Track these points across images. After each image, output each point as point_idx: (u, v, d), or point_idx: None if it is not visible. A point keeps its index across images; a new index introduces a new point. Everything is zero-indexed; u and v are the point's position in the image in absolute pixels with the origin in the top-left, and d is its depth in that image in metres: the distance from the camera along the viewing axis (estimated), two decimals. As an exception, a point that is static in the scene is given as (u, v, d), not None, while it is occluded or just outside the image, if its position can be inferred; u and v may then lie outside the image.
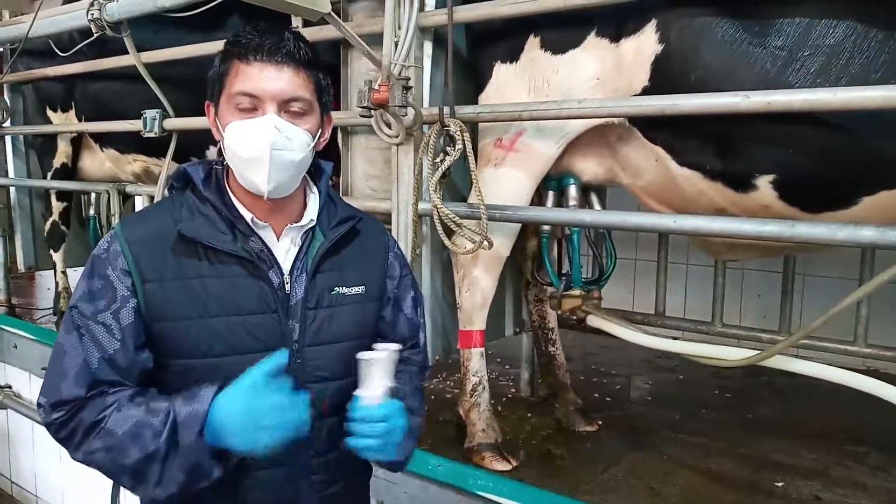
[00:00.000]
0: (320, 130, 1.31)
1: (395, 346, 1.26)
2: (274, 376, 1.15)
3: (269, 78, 1.20)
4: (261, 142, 1.20)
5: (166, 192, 1.39)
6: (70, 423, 1.18)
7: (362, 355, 1.23)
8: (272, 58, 1.20)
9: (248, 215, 1.27)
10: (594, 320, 2.53)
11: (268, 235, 1.29)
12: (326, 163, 1.41)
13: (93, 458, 1.18)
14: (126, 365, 1.20)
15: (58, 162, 4.14)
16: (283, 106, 1.22)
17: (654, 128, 2.11)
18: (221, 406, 1.14)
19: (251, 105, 1.21)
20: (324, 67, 1.30)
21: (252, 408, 1.13)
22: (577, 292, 2.56)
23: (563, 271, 2.76)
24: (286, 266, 1.29)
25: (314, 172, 1.38)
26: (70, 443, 1.20)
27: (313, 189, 1.38)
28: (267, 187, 1.22)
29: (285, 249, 1.30)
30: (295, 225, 1.31)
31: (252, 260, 1.24)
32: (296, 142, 1.23)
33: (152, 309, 1.21)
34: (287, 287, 1.27)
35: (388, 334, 1.44)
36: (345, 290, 1.34)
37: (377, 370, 1.23)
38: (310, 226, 1.32)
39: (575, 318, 2.61)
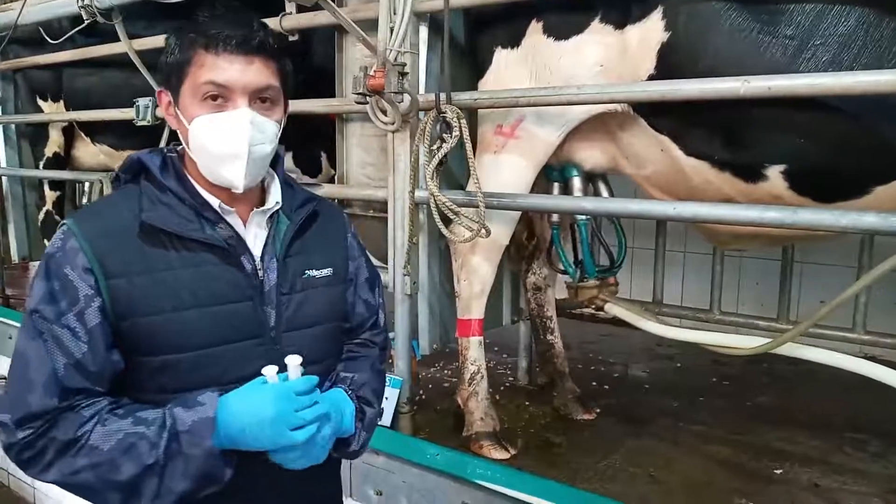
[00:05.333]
0: (283, 118, 1.28)
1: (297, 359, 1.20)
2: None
3: (240, 70, 1.16)
4: (238, 138, 1.16)
5: (105, 186, 1.34)
6: (38, 442, 1.09)
7: (267, 371, 1.18)
8: (243, 49, 1.16)
9: (214, 201, 1.23)
10: (612, 309, 2.51)
11: (235, 221, 1.25)
12: (279, 146, 1.36)
13: (75, 479, 1.10)
14: (96, 369, 1.13)
15: (49, 151, 4.12)
16: (253, 97, 1.18)
17: (659, 116, 2.08)
18: (238, 404, 1.12)
19: (219, 97, 1.17)
20: (286, 53, 1.26)
21: (281, 408, 1.12)
22: (592, 282, 2.55)
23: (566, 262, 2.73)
24: (256, 251, 1.26)
25: None
26: (37, 463, 1.10)
27: (271, 173, 1.33)
28: (243, 183, 1.19)
29: (253, 235, 1.27)
30: (261, 209, 1.27)
31: (223, 247, 1.21)
32: (267, 133, 1.21)
33: (120, 306, 1.13)
34: (260, 273, 1.24)
35: (349, 317, 1.42)
36: (315, 272, 1.32)
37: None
38: (275, 209, 1.29)
39: (593, 307, 2.59)
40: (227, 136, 1.16)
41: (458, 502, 2.29)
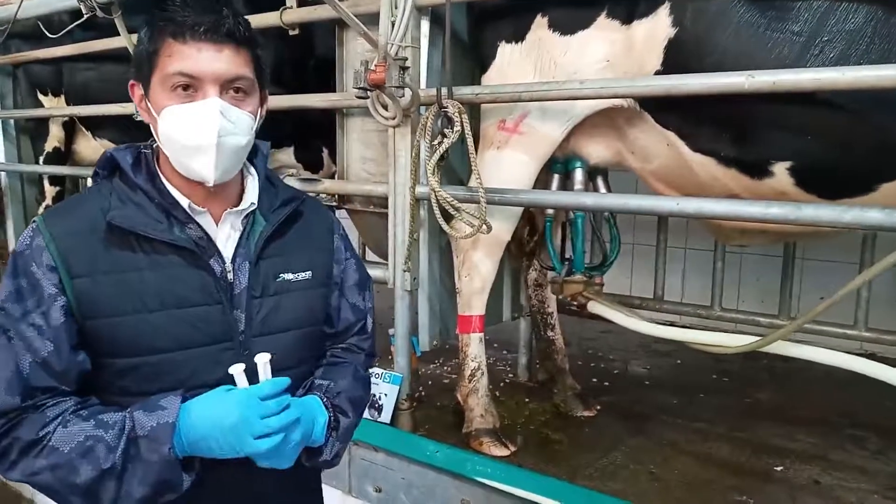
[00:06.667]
0: (259, 110, 1.23)
1: (266, 356, 1.18)
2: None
3: (209, 58, 1.12)
4: (207, 129, 1.12)
5: (90, 180, 1.31)
6: (3, 441, 1.08)
7: (234, 369, 1.15)
8: (211, 37, 1.12)
9: (184, 201, 1.19)
10: (595, 307, 2.50)
11: (206, 222, 1.20)
12: (262, 143, 1.31)
13: (36, 479, 1.08)
14: (61, 368, 1.11)
15: (50, 146, 4.11)
16: (225, 87, 1.14)
17: (665, 111, 2.07)
18: (200, 409, 1.09)
19: (189, 87, 1.13)
20: (261, 45, 1.22)
21: (244, 414, 1.08)
22: (578, 278, 2.53)
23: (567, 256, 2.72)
24: (227, 253, 1.21)
25: (251, 153, 1.28)
26: (2, 461, 1.09)
27: (251, 171, 1.29)
28: (214, 176, 1.15)
29: (226, 236, 1.22)
30: (235, 209, 1.23)
31: (191, 249, 1.17)
32: (240, 125, 1.16)
33: (84, 306, 1.11)
34: (230, 275, 1.20)
35: (334, 321, 1.38)
36: (291, 276, 1.27)
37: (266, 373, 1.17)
38: (250, 209, 1.25)
39: (576, 303, 2.58)
40: (196, 127, 1.13)
41: (457, 499, 2.29)
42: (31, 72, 4.11)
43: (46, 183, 4.25)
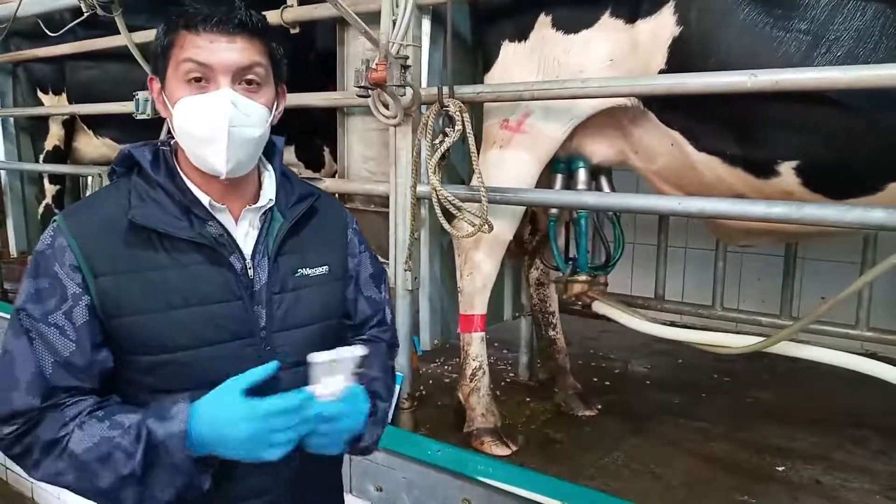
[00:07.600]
0: (276, 104, 1.23)
1: (359, 351, 1.16)
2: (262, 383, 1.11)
3: (221, 48, 1.12)
4: (217, 119, 1.12)
5: (107, 178, 1.31)
6: (25, 439, 1.09)
7: (315, 357, 1.13)
8: (223, 27, 1.12)
9: (204, 199, 1.19)
10: (599, 307, 2.50)
11: (226, 219, 1.21)
12: (278, 138, 1.31)
13: (59, 480, 1.09)
14: (83, 366, 1.12)
15: (49, 145, 4.10)
16: (237, 78, 1.14)
17: (670, 110, 2.06)
18: (210, 417, 1.08)
19: (202, 77, 1.13)
20: (276, 37, 1.22)
21: (254, 429, 1.07)
22: (583, 277, 2.53)
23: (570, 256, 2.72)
24: (247, 250, 1.22)
25: (267, 149, 1.29)
26: (26, 460, 1.11)
27: (267, 167, 1.30)
28: (225, 167, 1.15)
29: (244, 233, 1.23)
30: (253, 206, 1.23)
31: (212, 246, 1.17)
32: (253, 117, 1.16)
33: (107, 305, 1.12)
34: (250, 272, 1.21)
35: (351, 314, 1.39)
36: (308, 271, 1.28)
37: (325, 371, 1.15)
38: (269, 206, 1.25)
39: (580, 303, 2.58)
40: (208, 117, 1.13)
41: (458, 499, 2.28)
42: (31, 70, 4.11)
43: (46, 181, 4.25)
